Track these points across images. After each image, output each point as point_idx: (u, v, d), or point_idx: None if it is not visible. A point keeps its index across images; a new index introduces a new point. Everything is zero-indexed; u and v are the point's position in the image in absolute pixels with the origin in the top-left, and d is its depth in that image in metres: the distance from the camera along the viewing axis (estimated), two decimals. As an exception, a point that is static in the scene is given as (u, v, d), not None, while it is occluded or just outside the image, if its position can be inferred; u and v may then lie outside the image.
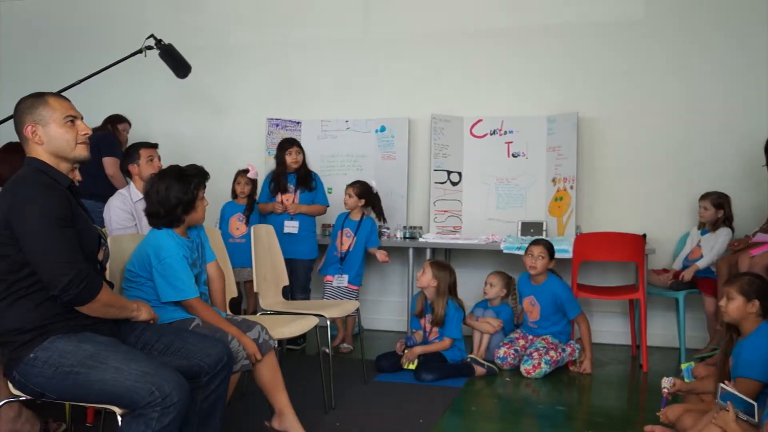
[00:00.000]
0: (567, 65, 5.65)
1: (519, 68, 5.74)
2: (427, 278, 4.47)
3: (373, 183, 5.21)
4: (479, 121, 5.80)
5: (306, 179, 5.12)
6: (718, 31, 5.36)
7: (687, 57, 5.42)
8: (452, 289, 4.53)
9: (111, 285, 2.61)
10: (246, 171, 5.22)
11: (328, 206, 5.24)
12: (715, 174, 5.26)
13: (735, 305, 2.93)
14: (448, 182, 5.76)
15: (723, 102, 5.34)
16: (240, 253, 4.60)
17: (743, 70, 5.30)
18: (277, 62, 6.26)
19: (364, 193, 5.09)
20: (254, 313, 4.12)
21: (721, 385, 2.67)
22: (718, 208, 4.91)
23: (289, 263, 4.70)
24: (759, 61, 5.26)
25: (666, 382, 3.16)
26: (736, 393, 2.57)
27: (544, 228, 5.35)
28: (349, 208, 5.11)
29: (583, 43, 5.61)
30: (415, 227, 5.54)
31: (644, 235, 4.87)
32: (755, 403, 2.48)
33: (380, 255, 5.09)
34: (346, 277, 5.03)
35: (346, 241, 5.09)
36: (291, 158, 5.08)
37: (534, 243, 4.70)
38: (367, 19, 6.08)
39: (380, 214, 5.22)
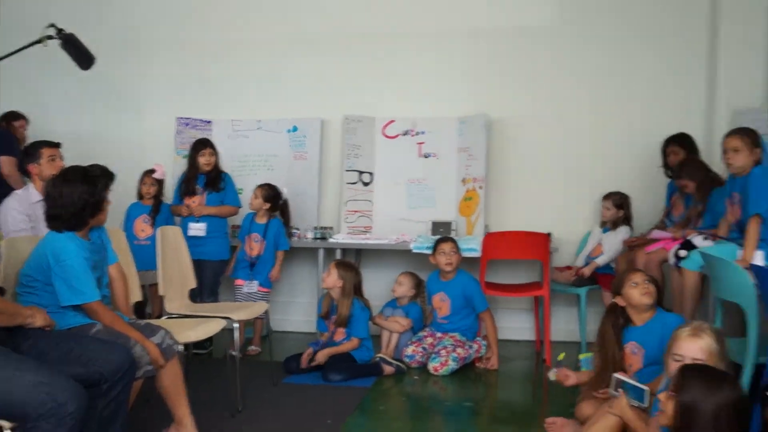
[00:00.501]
0: (478, 68, 5.77)
1: (431, 70, 5.83)
2: (332, 279, 4.48)
3: (284, 190, 5.18)
4: (391, 121, 5.85)
5: (215, 180, 5.05)
6: (621, 35, 5.58)
7: (592, 61, 5.62)
8: (358, 289, 4.56)
9: (2, 291, 2.51)
10: (152, 171, 5.11)
11: (239, 207, 5.18)
12: (616, 175, 5.46)
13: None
14: (360, 182, 5.78)
15: (625, 105, 5.57)
16: (145, 256, 4.47)
17: (644, 74, 5.55)
18: (187, 60, 6.13)
19: (271, 197, 5.05)
20: (159, 316, 4.04)
21: (615, 375, 2.81)
22: (618, 208, 5.12)
23: (198, 264, 4.61)
24: (660, 64, 5.52)
25: (552, 374, 3.39)
26: (629, 380, 2.72)
27: (454, 227, 5.44)
28: (254, 208, 5.08)
29: (494, 46, 5.74)
30: (325, 228, 5.54)
31: (549, 234, 5.02)
32: (646, 388, 2.62)
33: (273, 272, 5.09)
34: (256, 282, 5.00)
35: (255, 246, 5.04)
36: (204, 159, 5.01)
37: (443, 240, 4.79)
38: (279, 18, 6.02)
39: (287, 222, 5.19)
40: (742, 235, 3.59)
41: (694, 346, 2.50)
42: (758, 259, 3.49)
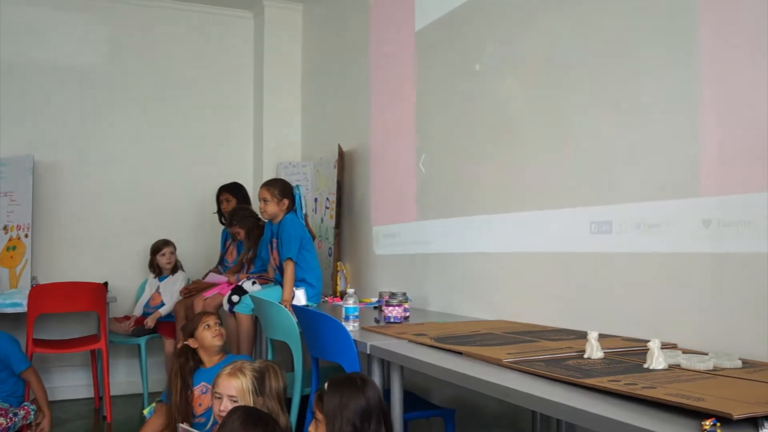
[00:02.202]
0: (22, 106, 5.32)
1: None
2: None
3: None
4: None
5: None
6: (177, 87, 5.72)
7: (148, 104, 5.64)
8: None
9: None
10: None
11: None
12: (174, 221, 5.54)
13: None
14: None
15: (183, 154, 5.71)
16: None
17: (200, 126, 5.77)
18: None
19: None
20: None
21: (180, 425, 2.83)
22: (172, 255, 5.19)
23: None
24: (212, 118, 5.81)
25: None
26: (191, 429, 2.77)
27: (-5, 281, 4.89)
28: None
29: (41, 84, 5.37)
30: None
31: (106, 284, 4.83)
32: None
33: None
34: None
35: None
36: None
37: None
38: None
39: None
40: (283, 277, 3.92)
41: (230, 385, 2.76)
42: (301, 298, 3.85)
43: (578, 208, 2.70)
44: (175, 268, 5.21)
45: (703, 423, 1.22)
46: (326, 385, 2.18)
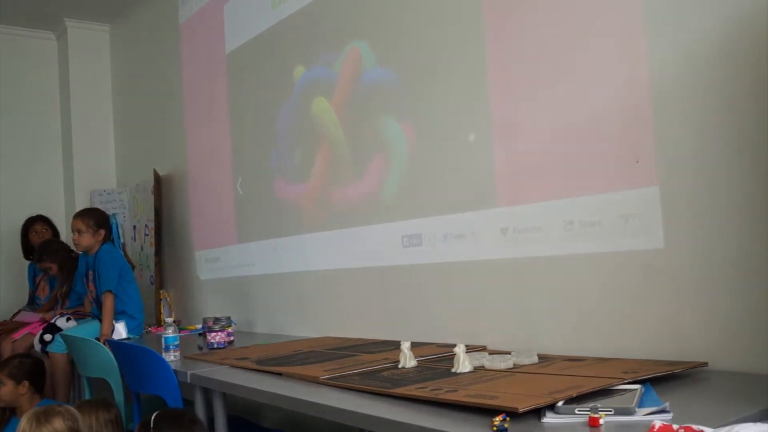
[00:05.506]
0: None
1: None
2: None
3: None
4: None
5: None
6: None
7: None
8: None
9: None
10: None
11: None
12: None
13: (7, 390, 3.27)
14: None
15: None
16: None
17: (10, 151, 5.39)
18: None
19: None
20: None
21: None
22: None
23: None
24: (19, 150, 5.42)
25: None
26: None
27: None
28: None
29: None
30: None
31: None
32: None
33: None
34: None
35: None
36: None
37: None
38: None
39: None
40: (102, 311, 3.73)
41: None
42: (122, 331, 3.69)
43: (391, 223, 2.81)
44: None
45: (493, 420, 1.31)
46: (152, 421, 2.11)
